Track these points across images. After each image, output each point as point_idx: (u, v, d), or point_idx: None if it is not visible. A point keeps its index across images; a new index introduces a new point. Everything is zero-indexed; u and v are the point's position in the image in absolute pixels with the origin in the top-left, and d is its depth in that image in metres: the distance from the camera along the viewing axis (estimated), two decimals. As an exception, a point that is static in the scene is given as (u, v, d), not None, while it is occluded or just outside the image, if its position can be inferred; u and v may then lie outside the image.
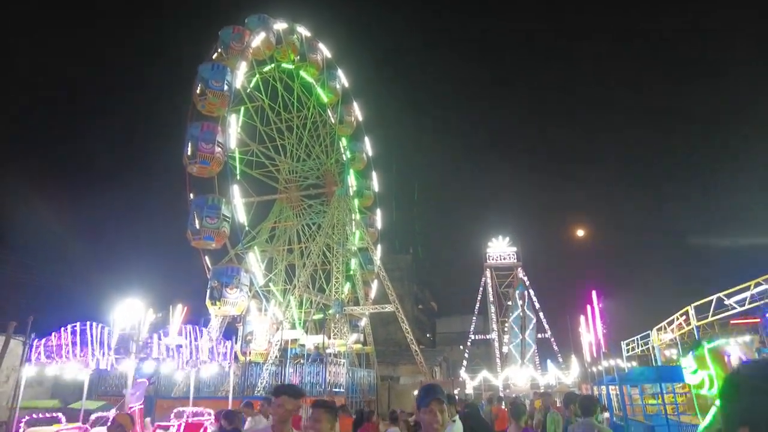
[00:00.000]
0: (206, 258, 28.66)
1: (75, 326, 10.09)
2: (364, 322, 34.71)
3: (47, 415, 11.56)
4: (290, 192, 34.45)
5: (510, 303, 51.76)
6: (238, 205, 28.32)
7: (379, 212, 40.87)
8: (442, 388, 2.53)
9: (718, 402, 1.43)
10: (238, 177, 30.75)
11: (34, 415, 11.12)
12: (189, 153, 26.57)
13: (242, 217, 28.79)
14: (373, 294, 37.59)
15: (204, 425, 11.39)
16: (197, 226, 26.05)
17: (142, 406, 10.49)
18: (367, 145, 40.01)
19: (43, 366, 10.66)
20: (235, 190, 28.59)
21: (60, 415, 11.29)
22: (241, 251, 28.84)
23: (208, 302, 25.60)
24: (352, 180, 37.39)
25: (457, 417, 6.67)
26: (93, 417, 10.58)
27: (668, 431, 10.15)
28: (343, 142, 38.58)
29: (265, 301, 28.26)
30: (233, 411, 6.62)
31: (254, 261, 29.01)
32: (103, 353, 9.80)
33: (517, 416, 5.70)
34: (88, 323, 10.09)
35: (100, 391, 20.04)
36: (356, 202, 37.84)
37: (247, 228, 30.27)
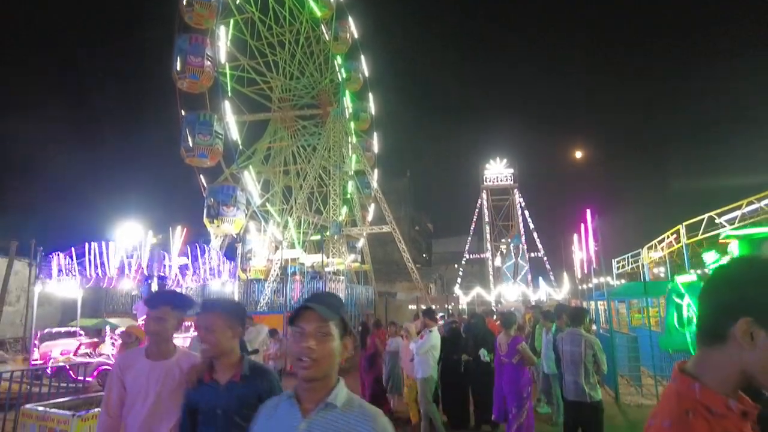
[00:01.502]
0: (201, 177, 28.59)
1: (78, 247, 10.27)
2: (361, 243, 35.41)
3: (64, 330, 12.13)
4: (284, 112, 33.61)
5: (508, 223, 52.69)
6: (230, 122, 27.77)
7: (375, 136, 40.08)
8: (338, 299, 1.65)
9: (687, 300, 1.36)
10: (230, 94, 29.85)
11: (53, 330, 11.66)
12: (178, 68, 25.76)
13: (235, 134, 28.34)
14: (370, 217, 37.98)
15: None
16: (190, 144, 25.80)
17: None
18: (364, 65, 38.35)
19: (50, 286, 10.97)
20: (227, 107, 27.94)
21: (79, 329, 11.84)
22: (236, 171, 28.72)
23: (205, 221, 25.91)
24: (347, 102, 36.33)
25: (434, 328, 7.29)
26: (107, 329, 11.07)
27: (650, 341, 10.71)
28: (338, 60, 36.98)
29: (263, 221, 28.62)
30: None
31: (250, 180, 28.97)
32: (106, 272, 10.04)
33: (508, 325, 5.99)
34: (89, 244, 10.25)
35: (108, 310, 20.82)
36: (352, 125, 37.02)
37: (241, 147, 29.94)
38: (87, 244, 10.15)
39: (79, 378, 7.85)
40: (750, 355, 0.99)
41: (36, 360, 9.79)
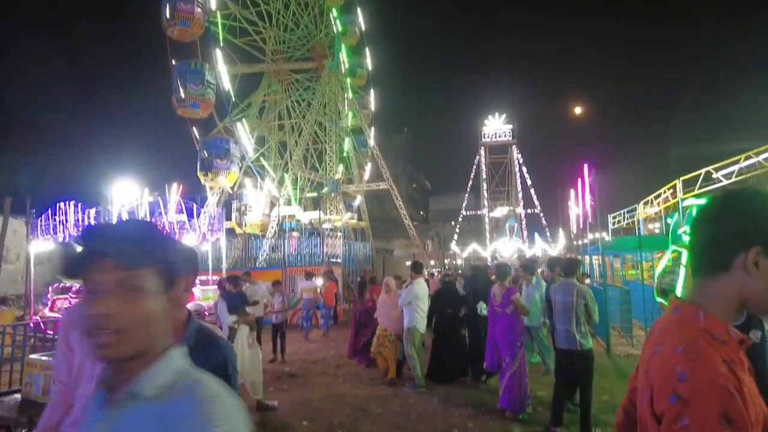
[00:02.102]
0: (194, 129, 28.21)
1: (73, 203, 10.24)
2: (358, 201, 35.41)
3: (75, 286, 12.31)
4: (278, 64, 32.74)
5: (505, 188, 52.62)
6: (222, 72, 27.12)
7: (372, 93, 39.20)
8: (153, 231, 1.07)
9: (687, 231, 1.32)
10: (221, 43, 28.99)
11: (60, 285, 11.82)
12: (168, 15, 25.07)
13: (227, 84, 27.72)
14: (367, 176, 37.73)
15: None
16: (182, 95, 25.35)
17: None
18: (360, 18, 37.05)
19: (44, 244, 11.02)
20: (219, 56, 27.23)
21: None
22: (229, 124, 28.31)
23: (199, 174, 25.78)
24: (343, 57, 35.33)
25: (419, 279, 7.53)
26: None
27: (643, 294, 10.92)
28: (334, 13, 35.71)
29: (259, 177, 28.48)
30: (235, 276, 7.02)
31: (243, 133, 28.53)
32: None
33: (502, 276, 6.08)
34: (78, 204, 10.23)
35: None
36: (348, 81, 36.16)
37: (234, 99, 29.38)
38: (78, 204, 10.11)
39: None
40: (754, 283, 1.02)
41: (50, 314, 9.99)
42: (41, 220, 10.31)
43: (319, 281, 13.71)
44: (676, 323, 1.08)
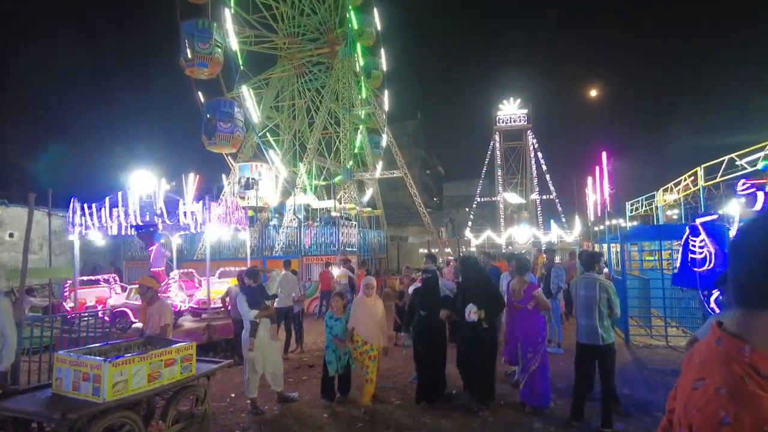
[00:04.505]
0: (200, 94, 28.11)
1: (97, 198, 10.38)
2: (371, 193, 35.33)
3: (101, 277, 12.58)
4: (290, 45, 32.21)
5: (520, 171, 52.09)
6: (230, 31, 26.81)
7: (387, 93, 38.56)
8: None
9: (701, 239, 1.20)
10: (233, 8, 28.62)
11: (84, 278, 12.08)
12: None
13: (234, 44, 27.40)
14: (378, 173, 37.48)
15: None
16: (189, 55, 25.30)
17: (163, 268, 11.20)
18: (377, 19, 36.42)
19: (69, 234, 11.20)
20: (228, 15, 27.05)
21: (113, 276, 12.31)
22: (236, 95, 28.10)
23: (203, 138, 25.72)
24: (358, 56, 34.83)
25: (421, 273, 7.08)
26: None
27: (662, 283, 10.80)
28: (350, 13, 35.00)
29: (270, 162, 28.34)
30: (255, 269, 7.02)
31: (248, 97, 28.29)
32: (120, 222, 10.18)
33: (523, 271, 6.03)
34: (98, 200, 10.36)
35: (127, 257, 21.35)
36: (363, 81, 35.64)
37: (242, 68, 29.12)
38: (120, 194, 10.26)
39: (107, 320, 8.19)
40: None
41: (72, 307, 10.19)
42: (71, 213, 10.45)
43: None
44: (719, 357, 1.02)
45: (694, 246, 7.55)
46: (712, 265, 7.20)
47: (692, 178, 14.35)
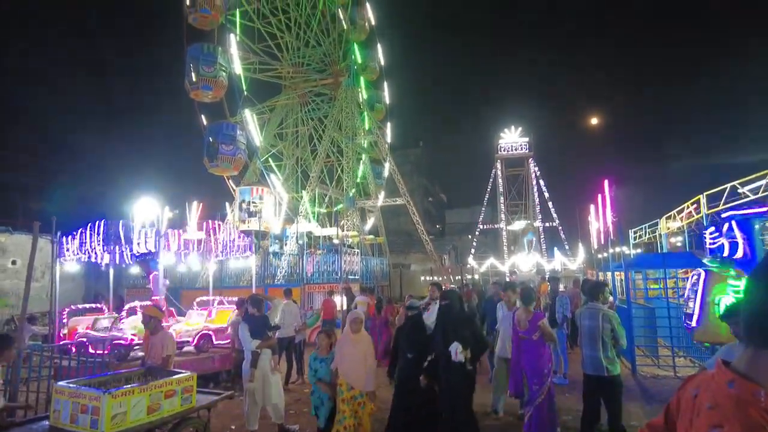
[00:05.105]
0: (203, 117, 28.45)
1: (97, 224, 10.40)
2: (374, 219, 35.43)
3: (89, 305, 12.44)
4: (294, 74, 32.82)
5: (521, 203, 52.23)
6: (235, 56, 27.31)
7: (389, 126, 39.14)
8: None
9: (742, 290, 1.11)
10: (238, 37, 29.20)
11: (73, 306, 11.95)
12: (188, 2, 25.99)
13: (238, 69, 27.83)
14: (380, 202, 37.75)
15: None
16: (194, 77, 25.68)
17: (163, 296, 11.08)
18: (380, 54, 37.26)
19: (72, 262, 11.20)
20: (233, 40, 27.59)
21: (103, 306, 12.16)
22: (240, 119, 28.44)
23: (205, 161, 25.90)
24: (362, 89, 35.54)
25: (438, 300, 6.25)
26: (126, 307, 11.35)
27: (668, 312, 10.67)
28: (355, 48, 35.90)
29: (272, 186, 28.49)
30: (259, 297, 6.95)
31: (250, 120, 28.58)
32: (122, 251, 10.18)
33: (528, 301, 5.98)
34: (104, 222, 10.38)
35: (128, 285, 21.27)
36: (366, 114, 36.23)
37: (246, 93, 29.56)
38: (103, 222, 10.26)
39: (98, 352, 8.08)
40: None
41: (64, 335, 10.08)
42: (68, 240, 10.48)
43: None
44: (734, 402, 0.98)
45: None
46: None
47: (695, 205, 14.35)
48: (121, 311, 11.02)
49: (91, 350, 8.56)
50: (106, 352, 7.89)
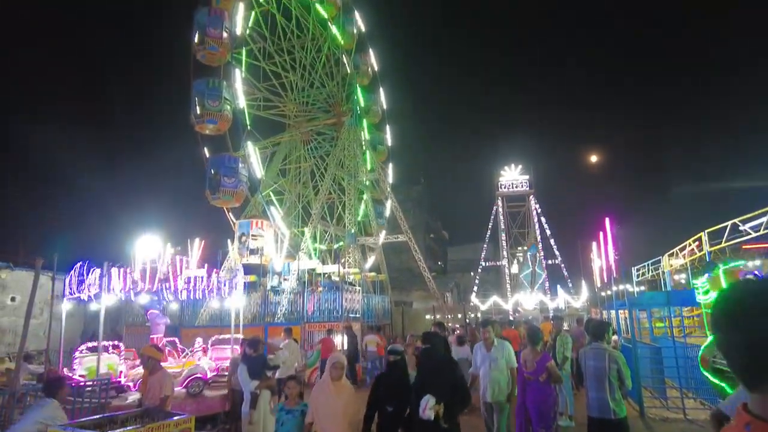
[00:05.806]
0: (205, 150, 28.71)
1: (98, 266, 10.41)
2: (375, 256, 35.34)
3: (106, 343, 12.25)
4: (297, 114, 33.48)
5: (524, 231, 52.24)
6: (239, 90, 27.79)
7: (391, 166, 39.80)
8: None
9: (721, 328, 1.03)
10: (243, 74, 29.85)
11: (89, 344, 11.77)
12: (196, 40, 26.47)
13: (242, 102, 28.34)
14: (381, 240, 37.84)
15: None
16: (198, 112, 26.02)
17: (161, 335, 10.96)
18: (382, 97, 38.28)
19: (73, 300, 11.14)
20: (238, 75, 28.12)
21: (120, 343, 12.00)
22: (244, 154, 28.75)
23: (207, 193, 26.03)
24: (365, 132, 36.34)
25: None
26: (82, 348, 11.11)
27: (674, 352, 10.48)
28: (358, 92, 36.91)
29: (272, 219, 28.54)
30: (257, 339, 6.92)
31: (252, 152, 28.88)
32: (123, 289, 10.14)
33: (535, 342, 5.89)
34: (107, 264, 10.38)
35: (128, 322, 21.05)
36: (368, 155, 36.90)
37: (249, 128, 29.92)
38: (107, 264, 10.27)
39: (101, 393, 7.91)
40: None
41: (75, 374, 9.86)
42: (69, 279, 10.46)
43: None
44: None
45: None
46: None
47: (697, 242, 14.34)
48: (75, 350, 10.78)
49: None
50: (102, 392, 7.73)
